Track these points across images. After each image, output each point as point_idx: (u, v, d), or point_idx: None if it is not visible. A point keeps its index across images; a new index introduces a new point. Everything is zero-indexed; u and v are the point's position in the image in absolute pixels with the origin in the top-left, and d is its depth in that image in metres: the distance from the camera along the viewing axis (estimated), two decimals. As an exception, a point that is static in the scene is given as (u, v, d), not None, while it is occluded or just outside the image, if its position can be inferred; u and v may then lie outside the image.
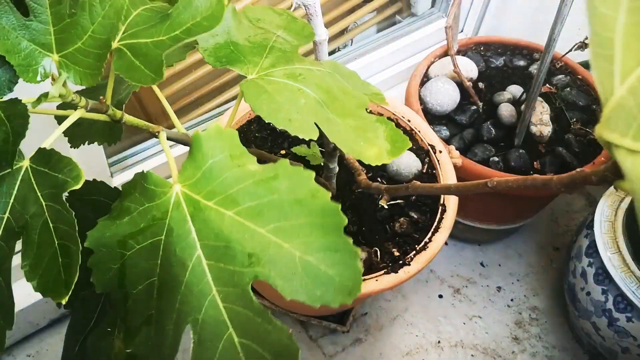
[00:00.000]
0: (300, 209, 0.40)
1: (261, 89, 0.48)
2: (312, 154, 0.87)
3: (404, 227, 0.80)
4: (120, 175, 0.94)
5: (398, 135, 0.49)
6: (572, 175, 0.36)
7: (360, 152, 0.45)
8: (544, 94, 1.05)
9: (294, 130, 0.44)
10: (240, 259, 0.40)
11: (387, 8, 1.27)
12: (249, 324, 0.40)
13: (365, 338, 1.02)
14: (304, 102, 0.47)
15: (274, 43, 0.55)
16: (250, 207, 0.40)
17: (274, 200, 0.40)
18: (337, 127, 0.47)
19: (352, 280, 0.38)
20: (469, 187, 0.48)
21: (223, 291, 0.40)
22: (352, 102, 0.51)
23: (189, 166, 0.42)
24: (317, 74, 0.52)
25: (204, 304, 0.40)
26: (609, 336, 0.89)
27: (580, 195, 1.28)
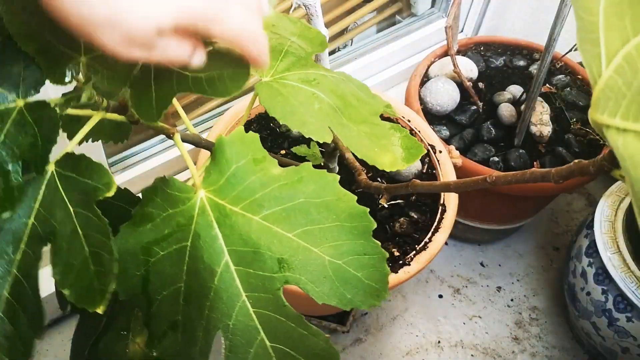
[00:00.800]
0: (327, 213, 0.40)
1: (276, 92, 0.48)
2: (312, 154, 0.87)
3: (404, 227, 0.80)
4: (121, 175, 0.94)
5: (412, 142, 0.50)
6: (570, 167, 0.36)
7: (374, 159, 0.46)
8: (544, 94, 1.05)
9: (308, 132, 0.45)
10: (270, 264, 0.40)
11: (387, 8, 1.27)
12: (281, 329, 0.40)
13: (365, 338, 1.02)
14: (318, 107, 0.48)
15: (289, 48, 0.55)
16: (277, 212, 0.40)
17: (301, 204, 0.40)
18: (351, 133, 0.47)
19: (381, 283, 0.39)
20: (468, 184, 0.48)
21: (253, 296, 0.40)
22: (365, 109, 0.51)
23: (213, 171, 0.42)
24: (331, 80, 0.52)
25: (234, 310, 0.40)
26: (609, 336, 0.89)
27: (580, 195, 1.28)
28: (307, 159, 0.87)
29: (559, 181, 0.37)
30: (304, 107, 0.47)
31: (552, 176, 0.37)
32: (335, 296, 0.39)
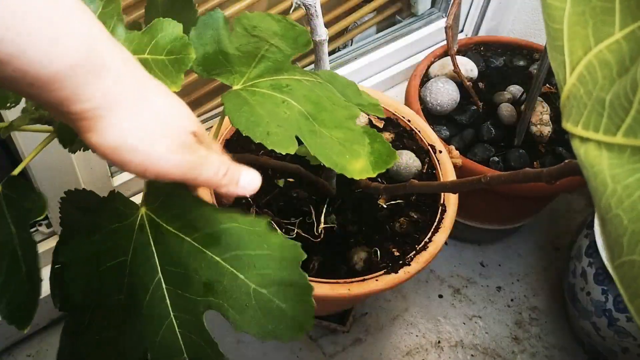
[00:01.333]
0: (259, 240, 0.40)
1: (243, 101, 0.48)
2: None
3: (404, 227, 0.80)
4: (121, 176, 0.94)
5: (386, 148, 0.48)
6: (561, 167, 0.36)
7: (343, 166, 0.44)
8: (544, 93, 1.05)
9: (270, 144, 0.44)
10: (196, 287, 0.40)
11: (387, 8, 1.27)
12: (202, 353, 0.40)
13: (365, 338, 1.02)
14: (286, 115, 0.47)
15: (265, 52, 0.55)
16: (209, 234, 0.40)
17: (233, 228, 0.40)
18: (321, 140, 0.46)
19: (305, 315, 0.38)
20: (463, 184, 0.49)
21: (180, 317, 0.40)
22: (341, 113, 0.50)
23: (153, 189, 0.42)
24: (305, 84, 0.51)
25: (161, 327, 0.40)
26: (609, 336, 0.89)
27: (580, 195, 1.28)
28: (307, 159, 0.87)
29: (550, 181, 0.37)
30: (270, 117, 0.46)
31: (544, 176, 0.38)
32: (257, 326, 0.39)
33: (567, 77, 0.27)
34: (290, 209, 0.83)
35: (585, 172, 0.25)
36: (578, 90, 0.27)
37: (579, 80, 0.27)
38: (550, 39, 0.28)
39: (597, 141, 0.25)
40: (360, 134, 0.49)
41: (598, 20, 0.26)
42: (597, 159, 0.25)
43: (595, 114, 0.26)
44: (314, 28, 0.59)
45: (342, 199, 0.84)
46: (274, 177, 0.86)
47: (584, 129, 0.26)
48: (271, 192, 0.84)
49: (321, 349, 1.00)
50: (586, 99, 0.26)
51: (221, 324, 1.05)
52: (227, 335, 1.00)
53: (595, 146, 0.25)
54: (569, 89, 0.27)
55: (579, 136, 0.26)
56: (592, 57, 0.26)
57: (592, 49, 0.26)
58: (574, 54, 0.27)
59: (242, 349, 0.99)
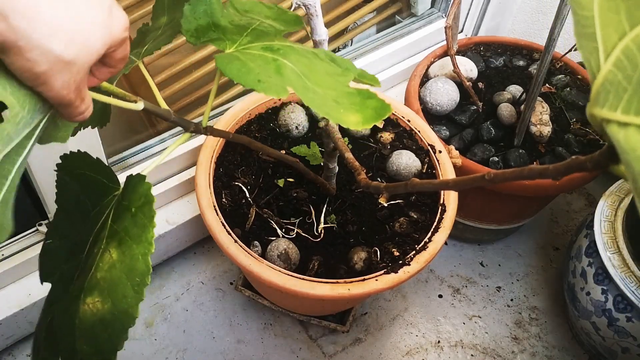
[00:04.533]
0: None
1: (234, 58, 0.49)
2: (312, 153, 0.87)
3: (403, 227, 0.80)
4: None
5: (380, 103, 0.48)
6: (568, 163, 0.36)
7: (339, 118, 0.45)
8: (544, 94, 1.05)
9: (261, 89, 0.44)
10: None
11: (387, 8, 1.27)
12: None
13: (365, 338, 1.02)
14: (279, 70, 0.47)
15: (257, 26, 0.56)
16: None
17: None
18: (314, 95, 0.46)
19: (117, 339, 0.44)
20: (466, 181, 0.48)
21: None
22: (335, 77, 0.50)
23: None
24: (298, 50, 0.52)
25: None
26: (609, 336, 0.89)
27: (580, 195, 1.28)
28: (307, 159, 0.87)
29: (556, 177, 0.37)
30: (260, 69, 0.47)
31: (550, 172, 0.37)
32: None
33: (602, 63, 0.27)
34: (290, 209, 0.83)
35: (625, 156, 0.25)
36: (615, 76, 0.26)
37: (616, 66, 0.26)
38: (580, 27, 0.28)
39: (638, 125, 0.25)
40: (354, 93, 0.49)
41: (631, 5, 0.26)
42: (639, 143, 0.25)
43: (637, 97, 0.25)
44: (314, 28, 0.59)
45: (342, 199, 0.84)
46: (274, 177, 0.86)
47: (623, 114, 0.26)
48: (271, 192, 0.84)
49: (321, 348, 1.00)
50: (626, 83, 0.26)
51: (221, 324, 1.05)
52: (227, 335, 1.00)
53: (636, 130, 0.25)
54: (604, 76, 0.27)
55: (617, 121, 0.26)
56: (629, 41, 0.26)
57: (628, 33, 0.26)
58: (608, 40, 0.27)
59: (242, 349, 0.99)
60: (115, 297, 0.42)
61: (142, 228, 0.43)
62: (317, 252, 0.79)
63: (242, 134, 0.90)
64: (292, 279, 0.71)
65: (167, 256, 1.06)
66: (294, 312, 0.98)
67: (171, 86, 1.03)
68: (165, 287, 1.05)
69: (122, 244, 0.43)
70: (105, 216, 0.46)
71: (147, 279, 0.42)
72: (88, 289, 0.43)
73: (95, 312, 0.42)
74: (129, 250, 0.43)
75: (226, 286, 1.06)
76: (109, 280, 0.43)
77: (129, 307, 0.42)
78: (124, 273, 0.42)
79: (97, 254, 0.44)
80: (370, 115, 0.46)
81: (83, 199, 0.49)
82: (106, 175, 0.48)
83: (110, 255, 0.43)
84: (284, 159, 0.73)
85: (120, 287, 0.42)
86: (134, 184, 0.46)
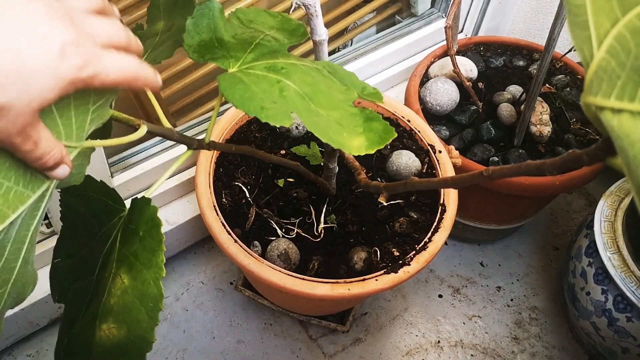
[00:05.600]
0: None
1: (238, 80, 0.48)
2: (312, 154, 0.87)
3: (403, 227, 0.80)
4: (121, 176, 0.94)
5: (384, 126, 0.48)
6: (564, 157, 0.36)
7: (341, 142, 0.44)
8: (544, 94, 1.05)
9: (265, 117, 0.44)
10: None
11: (387, 8, 1.27)
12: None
13: (365, 338, 1.02)
14: (282, 94, 0.47)
15: (261, 40, 0.55)
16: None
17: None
18: (317, 118, 0.46)
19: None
20: (465, 179, 0.48)
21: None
22: (338, 95, 0.50)
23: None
24: (302, 68, 0.51)
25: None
26: (609, 336, 0.89)
27: (580, 195, 1.28)
28: (307, 159, 0.87)
29: (553, 172, 0.37)
30: (264, 94, 0.46)
31: (547, 167, 0.37)
32: None
33: (595, 51, 0.27)
34: (290, 208, 0.83)
35: (619, 142, 0.25)
36: (609, 63, 0.27)
37: (609, 53, 0.26)
38: (572, 16, 0.28)
39: (631, 111, 0.25)
40: (358, 114, 0.48)
41: None
42: (633, 128, 0.25)
43: (631, 83, 0.26)
44: (314, 28, 0.59)
45: (342, 199, 0.84)
46: (274, 177, 0.86)
47: (617, 100, 0.26)
48: (271, 192, 0.84)
49: (321, 348, 1.00)
50: (619, 70, 0.26)
51: (221, 324, 1.05)
52: (227, 335, 1.00)
53: (629, 116, 0.25)
54: (597, 63, 0.27)
55: (610, 108, 0.26)
56: (622, 27, 0.26)
57: (620, 19, 0.26)
58: (600, 27, 0.27)
59: (242, 349, 0.99)
60: (130, 322, 0.42)
61: (152, 252, 0.43)
62: (317, 252, 0.79)
63: (242, 135, 0.90)
64: (292, 279, 0.71)
65: (167, 256, 1.06)
66: (294, 312, 0.98)
67: (171, 86, 1.03)
68: (165, 287, 1.05)
69: (132, 268, 0.43)
70: (112, 238, 0.46)
71: (161, 303, 0.42)
72: (102, 315, 0.43)
73: (112, 338, 0.42)
74: (140, 275, 0.43)
75: (226, 286, 1.06)
76: (123, 306, 0.43)
77: (144, 332, 0.42)
78: (137, 298, 0.42)
79: (109, 279, 0.44)
80: (374, 140, 0.46)
81: (89, 219, 0.49)
82: (111, 197, 0.48)
83: (121, 280, 0.43)
84: (285, 163, 0.73)
85: (134, 312, 0.42)
86: (140, 208, 0.45)
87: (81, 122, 0.38)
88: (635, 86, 0.25)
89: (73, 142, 0.38)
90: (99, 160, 0.85)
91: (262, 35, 0.56)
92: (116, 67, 0.36)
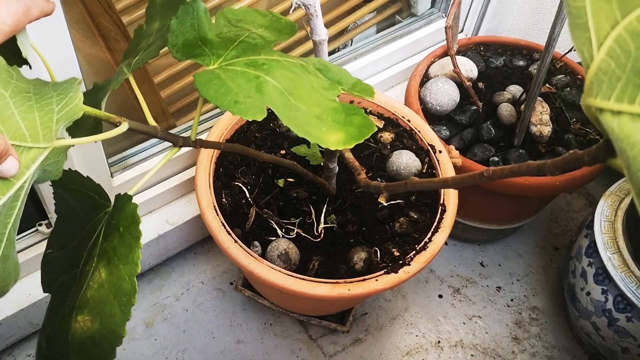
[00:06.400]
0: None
1: (214, 76, 0.48)
2: (312, 153, 0.87)
3: (403, 227, 0.80)
4: (121, 176, 0.94)
5: (365, 120, 0.47)
6: (565, 157, 0.36)
7: (319, 137, 0.44)
8: (544, 94, 1.05)
9: (237, 111, 0.44)
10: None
11: (387, 8, 1.27)
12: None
13: (365, 338, 1.02)
14: (259, 88, 0.47)
15: (245, 38, 0.55)
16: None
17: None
18: (296, 113, 0.46)
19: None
20: (465, 179, 0.48)
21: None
22: (321, 91, 0.50)
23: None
24: (284, 64, 0.51)
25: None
26: (609, 336, 0.89)
27: (580, 195, 1.28)
28: (307, 159, 0.87)
29: (554, 172, 0.37)
30: (240, 89, 0.46)
31: (548, 167, 0.37)
32: None
33: (594, 53, 0.27)
34: (290, 209, 0.83)
35: (619, 144, 0.25)
36: (609, 65, 0.27)
37: (609, 55, 0.27)
38: (572, 17, 0.28)
39: (630, 114, 0.25)
40: (339, 109, 0.48)
41: None
42: (633, 130, 0.25)
43: (631, 85, 0.26)
44: (313, 28, 0.59)
45: (342, 199, 0.84)
46: (274, 177, 0.86)
47: (617, 102, 0.26)
48: (271, 192, 0.84)
49: (321, 349, 1.00)
50: (619, 72, 0.26)
51: (221, 324, 1.05)
52: (227, 335, 1.00)
53: (629, 118, 0.25)
54: (597, 65, 0.27)
55: (610, 110, 0.26)
56: (622, 29, 0.26)
57: (620, 22, 0.26)
58: (600, 29, 0.27)
59: (242, 349, 0.99)
60: (103, 316, 0.43)
61: (129, 248, 0.43)
62: (317, 252, 0.79)
63: (242, 135, 0.90)
64: (292, 279, 0.71)
65: (167, 256, 1.06)
66: (294, 312, 0.98)
67: (171, 86, 1.03)
68: (165, 287, 1.05)
69: (110, 263, 0.44)
70: (97, 232, 0.47)
71: (134, 299, 0.42)
72: (79, 307, 0.44)
73: (86, 330, 0.43)
74: (117, 270, 0.43)
75: (226, 286, 1.06)
76: (98, 299, 0.43)
77: (116, 326, 0.42)
78: (112, 292, 0.43)
79: (89, 272, 0.45)
80: (352, 134, 0.46)
81: (79, 213, 0.50)
82: (97, 192, 0.49)
83: (99, 274, 0.44)
84: (281, 162, 0.73)
85: (107, 306, 0.43)
86: (121, 204, 0.46)
87: (46, 122, 0.38)
88: (635, 88, 0.25)
89: (41, 144, 0.38)
90: (99, 160, 0.85)
91: (248, 33, 0.56)
92: (6, 10, 0.38)
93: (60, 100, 0.39)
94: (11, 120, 0.36)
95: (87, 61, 1.02)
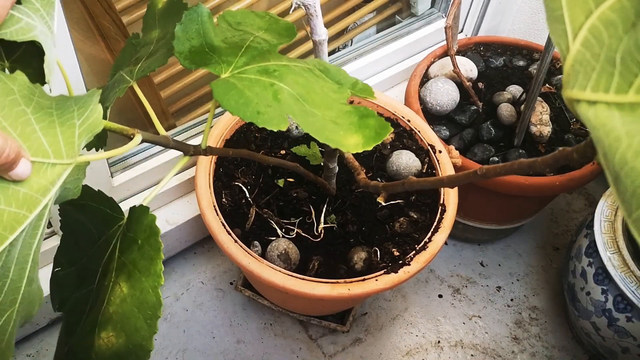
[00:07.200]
0: None
1: (231, 86, 0.48)
2: (312, 154, 0.87)
3: (403, 227, 0.80)
4: (120, 176, 0.94)
5: (379, 122, 0.48)
6: (555, 155, 0.36)
7: (338, 141, 0.45)
8: (544, 94, 1.05)
9: (261, 122, 0.44)
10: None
11: (387, 8, 1.27)
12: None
13: (365, 338, 1.02)
14: (276, 97, 0.47)
15: (251, 43, 0.55)
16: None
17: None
18: (313, 119, 0.46)
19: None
20: (460, 178, 0.49)
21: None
22: (331, 95, 0.50)
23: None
24: (294, 69, 0.51)
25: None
26: (609, 336, 0.89)
27: (580, 195, 1.28)
28: (307, 159, 0.87)
29: (545, 170, 0.37)
30: (259, 98, 0.46)
31: (539, 165, 0.38)
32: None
33: (570, 44, 0.27)
34: (290, 208, 0.83)
35: (595, 132, 0.25)
36: (584, 55, 0.27)
37: (584, 45, 0.27)
38: (549, 10, 0.28)
39: (606, 102, 0.26)
40: (352, 112, 0.48)
41: None
42: (608, 119, 0.25)
43: (605, 74, 0.26)
44: (313, 28, 0.59)
45: (342, 199, 0.84)
46: (274, 177, 0.86)
47: (593, 92, 0.26)
48: (271, 192, 0.84)
49: (321, 349, 1.00)
50: (594, 62, 0.26)
51: (221, 324, 1.05)
52: (227, 335, 1.00)
53: (604, 107, 0.26)
54: (573, 56, 0.27)
55: (586, 100, 0.26)
56: (595, 19, 0.26)
57: (594, 11, 0.26)
58: (575, 20, 0.27)
59: (242, 349, 0.99)
60: (129, 331, 0.42)
61: (150, 260, 0.43)
62: (317, 252, 0.79)
63: (242, 135, 0.90)
64: (292, 279, 0.71)
65: (167, 256, 1.06)
66: (294, 312, 0.98)
67: (171, 86, 1.03)
68: (165, 287, 1.05)
69: (131, 276, 0.43)
70: (112, 247, 0.46)
71: (159, 311, 0.42)
72: (102, 323, 0.43)
73: (111, 347, 0.42)
74: (139, 284, 0.43)
75: (226, 286, 1.06)
76: (121, 314, 0.43)
77: (142, 340, 0.42)
78: (135, 307, 0.42)
79: (108, 287, 0.44)
80: (369, 136, 0.46)
81: (89, 228, 0.49)
82: (109, 206, 0.48)
83: (120, 289, 0.43)
84: (284, 165, 0.73)
85: (132, 320, 0.42)
86: (138, 216, 0.45)
87: (69, 137, 0.38)
88: (609, 77, 0.26)
89: (64, 160, 0.38)
90: (99, 161, 0.85)
91: (252, 37, 0.56)
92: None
93: (81, 114, 0.39)
94: (32, 137, 0.36)
95: (87, 61, 1.02)
